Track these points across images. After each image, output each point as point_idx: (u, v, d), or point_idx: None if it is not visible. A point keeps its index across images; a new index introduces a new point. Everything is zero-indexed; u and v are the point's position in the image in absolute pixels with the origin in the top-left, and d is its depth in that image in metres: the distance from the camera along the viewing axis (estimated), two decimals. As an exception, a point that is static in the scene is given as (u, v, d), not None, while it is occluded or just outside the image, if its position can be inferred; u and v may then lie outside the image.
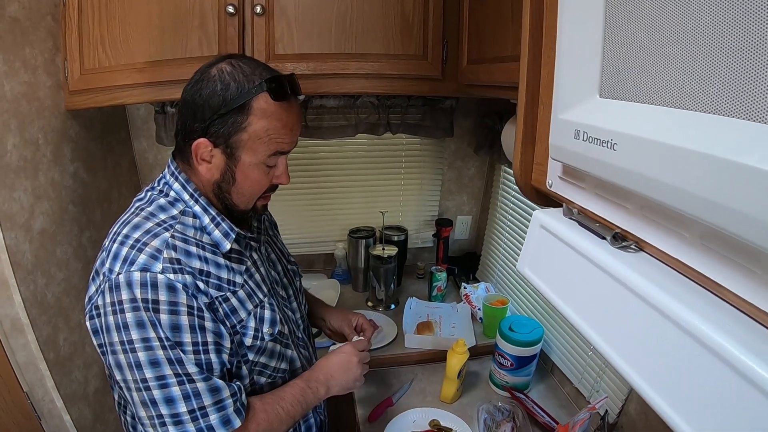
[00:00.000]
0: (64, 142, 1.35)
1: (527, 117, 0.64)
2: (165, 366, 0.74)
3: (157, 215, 0.83)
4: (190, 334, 0.76)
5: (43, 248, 1.24)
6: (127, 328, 0.73)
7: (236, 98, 0.79)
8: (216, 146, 0.82)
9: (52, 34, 1.28)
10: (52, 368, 1.24)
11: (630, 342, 0.47)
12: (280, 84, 0.82)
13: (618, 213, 0.51)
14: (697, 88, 0.37)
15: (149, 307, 0.73)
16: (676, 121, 0.39)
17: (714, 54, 0.35)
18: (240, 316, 0.86)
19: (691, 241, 0.43)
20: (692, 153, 0.37)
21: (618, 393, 1.16)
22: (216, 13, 1.23)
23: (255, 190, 0.88)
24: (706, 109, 0.37)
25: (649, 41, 0.42)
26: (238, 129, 0.81)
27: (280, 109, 0.82)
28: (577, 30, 0.51)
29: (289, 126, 0.84)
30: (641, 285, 0.45)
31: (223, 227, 0.87)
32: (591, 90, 0.49)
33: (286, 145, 0.86)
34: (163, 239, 0.78)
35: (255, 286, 0.91)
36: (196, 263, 0.80)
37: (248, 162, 0.84)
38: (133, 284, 0.73)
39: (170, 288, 0.75)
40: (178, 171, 0.87)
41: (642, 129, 0.42)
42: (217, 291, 0.82)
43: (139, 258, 0.75)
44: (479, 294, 1.73)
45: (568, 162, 0.53)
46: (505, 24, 1.01)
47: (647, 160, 0.41)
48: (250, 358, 0.88)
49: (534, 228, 0.62)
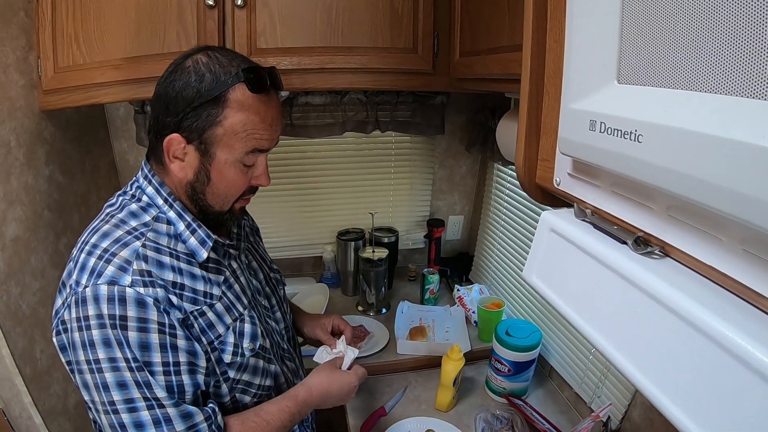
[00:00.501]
0: (39, 144, 1.28)
1: (531, 109, 0.58)
2: (133, 389, 0.68)
3: (128, 222, 0.76)
4: (160, 354, 0.70)
5: (16, 256, 1.18)
6: (93, 346, 0.67)
7: (211, 89, 0.73)
8: (189, 142, 0.76)
9: (26, 30, 1.21)
10: (29, 383, 1.18)
11: (659, 361, 0.41)
12: (258, 74, 0.76)
13: (640, 214, 0.45)
14: (741, 69, 0.31)
15: (116, 324, 0.67)
16: (715, 107, 0.33)
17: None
18: (218, 331, 0.79)
19: (730, 246, 0.37)
20: (735, 143, 0.31)
21: (621, 399, 1.12)
22: (195, 5, 1.17)
23: (231, 191, 0.82)
24: (753, 94, 0.31)
25: (678, 15, 0.36)
26: (212, 123, 0.74)
27: (258, 102, 0.76)
28: (590, 8, 0.46)
29: (268, 121, 0.78)
30: (672, 296, 0.39)
31: (200, 234, 0.80)
32: (607, 75, 0.43)
33: (266, 142, 0.79)
34: (133, 249, 0.72)
35: (234, 297, 0.85)
36: (169, 275, 0.74)
37: (224, 160, 0.77)
38: (100, 299, 0.67)
39: (139, 303, 0.69)
40: (152, 174, 0.81)
41: (674, 117, 0.36)
42: (192, 305, 0.76)
43: (106, 270, 0.69)
44: (473, 296, 1.68)
45: (581, 157, 0.47)
46: (500, 12, 0.95)
47: (680, 153, 0.35)
48: (231, 375, 0.81)
49: (542, 231, 0.56)
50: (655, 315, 0.41)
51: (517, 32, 0.89)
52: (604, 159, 0.44)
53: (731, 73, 0.32)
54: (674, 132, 0.35)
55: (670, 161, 0.36)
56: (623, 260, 0.44)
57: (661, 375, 0.41)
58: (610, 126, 0.42)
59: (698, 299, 0.38)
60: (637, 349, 0.43)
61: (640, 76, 0.40)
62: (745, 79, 0.31)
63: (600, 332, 0.47)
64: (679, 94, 0.37)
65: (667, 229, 0.43)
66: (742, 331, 0.35)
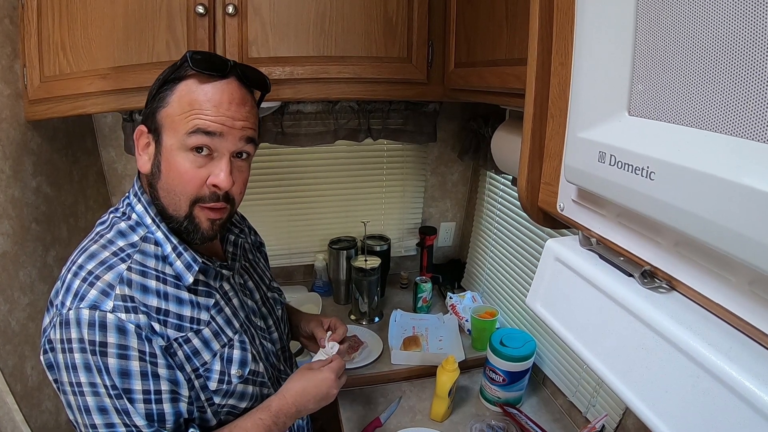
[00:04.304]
0: (25, 156, 1.25)
1: (535, 132, 0.58)
2: (113, 414, 0.68)
3: (115, 242, 0.74)
4: (140, 381, 0.69)
5: (4, 272, 1.15)
6: (75, 369, 0.66)
7: (167, 74, 0.75)
8: (149, 131, 0.76)
9: (11, 38, 1.18)
10: (20, 400, 1.15)
11: (665, 397, 0.41)
12: (205, 55, 0.74)
13: (647, 247, 0.45)
14: (759, 113, 0.31)
15: (96, 350, 0.66)
16: (731, 150, 0.33)
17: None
18: (203, 358, 0.77)
19: (738, 286, 0.37)
20: (749, 190, 0.31)
21: (615, 407, 1.13)
22: (185, 13, 1.14)
23: (180, 185, 0.75)
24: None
25: (696, 50, 0.36)
26: (162, 105, 0.74)
27: (204, 84, 0.74)
28: (601, 33, 0.45)
29: (214, 102, 0.73)
30: (680, 335, 0.39)
31: (185, 258, 0.77)
32: (618, 106, 0.43)
33: (210, 123, 0.72)
34: (117, 273, 0.70)
35: (224, 322, 0.82)
36: (153, 300, 0.72)
37: (170, 145, 0.74)
38: (82, 323, 0.66)
39: (120, 330, 0.67)
40: (141, 191, 0.79)
41: (688, 157, 0.35)
42: (177, 332, 0.74)
43: (89, 294, 0.67)
44: (466, 304, 1.68)
45: (588, 187, 0.47)
46: (498, 25, 0.94)
47: (694, 194, 0.35)
48: (216, 401, 0.79)
49: (547, 260, 0.55)
50: (662, 352, 0.41)
51: (516, 46, 0.88)
52: (614, 192, 0.43)
53: (749, 116, 0.32)
54: (689, 173, 0.35)
55: (683, 201, 0.36)
56: (630, 295, 0.44)
57: (668, 410, 0.41)
58: (620, 159, 0.41)
59: (705, 338, 0.38)
60: (643, 384, 0.43)
61: (653, 111, 0.40)
62: (763, 123, 0.31)
63: (605, 365, 0.47)
64: (694, 133, 0.36)
65: (675, 263, 0.43)
66: (747, 372, 0.35)
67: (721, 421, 0.35)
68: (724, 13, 0.33)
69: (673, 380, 0.39)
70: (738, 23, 0.32)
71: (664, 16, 0.38)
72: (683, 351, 0.38)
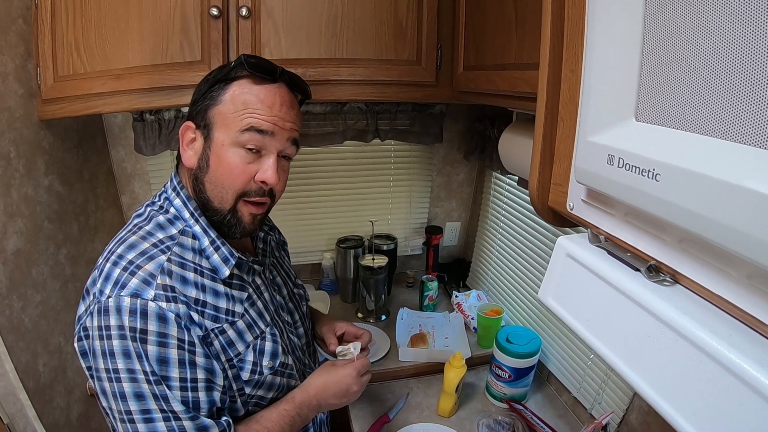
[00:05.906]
0: (38, 155, 1.27)
1: (546, 135, 0.60)
2: (150, 400, 0.69)
3: (154, 234, 0.77)
4: (178, 369, 0.71)
5: (18, 270, 1.16)
6: (113, 355, 0.68)
7: (218, 74, 0.79)
8: (198, 127, 0.79)
9: (24, 38, 1.20)
10: (33, 397, 1.17)
11: (673, 382, 0.44)
12: (259, 59, 0.79)
13: (652, 243, 0.48)
14: (760, 121, 0.34)
15: (137, 336, 0.68)
16: (733, 156, 0.36)
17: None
18: (237, 349, 0.80)
19: (738, 279, 0.40)
20: (750, 192, 0.34)
21: (619, 403, 1.15)
22: (199, 15, 1.16)
23: (229, 179, 0.79)
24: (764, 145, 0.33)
25: (695, 64, 0.38)
26: (214, 103, 0.78)
27: (257, 86, 0.79)
28: (610, 43, 0.48)
29: (267, 103, 0.78)
30: (684, 323, 0.42)
31: (223, 252, 0.81)
32: (625, 112, 0.46)
33: (263, 122, 0.77)
34: (158, 263, 0.73)
35: (257, 315, 0.85)
36: (192, 292, 0.75)
37: (221, 141, 0.78)
38: (122, 310, 0.68)
39: (161, 318, 0.69)
40: (180, 186, 0.82)
41: (691, 161, 0.38)
42: (213, 322, 0.77)
43: (130, 282, 0.70)
44: (471, 303, 1.70)
45: (597, 188, 0.50)
46: (506, 28, 0.97)
47: (695, 195, 0.38)
48: (247, 391, 0.82)
49: (558, 256, 0.58)
50: (668, 340, 0.44)
51: (525, 51, 0.91)
52: (621, 192, 0.46)
53: (750, 123, 0.35)
54: (691, 175, 0.38)
55: (686, 201, 0.39)
56: (637, 288, 0.47)
57: (672, 392, 0.44)
58: (628, 162, 0.44)
59: (707, 326, 0.41)
60: (650, 369, 0.46)
61: (658, 117, 0.43)
62: (762, 131, 0.34)
63: (614, 352, 0.50)
64: (695, 138, 0.39)
65: (679, 258, 0.45)
66: (745, 355, 0.38)
67: (721, 400, 0.38)
68: (728, 26, 0.35)
69: (677, 365, 0.42)
70: (739, 37, 0.34)
71: (670, 33, 0.41)
72: (687, 338, 0.41)
